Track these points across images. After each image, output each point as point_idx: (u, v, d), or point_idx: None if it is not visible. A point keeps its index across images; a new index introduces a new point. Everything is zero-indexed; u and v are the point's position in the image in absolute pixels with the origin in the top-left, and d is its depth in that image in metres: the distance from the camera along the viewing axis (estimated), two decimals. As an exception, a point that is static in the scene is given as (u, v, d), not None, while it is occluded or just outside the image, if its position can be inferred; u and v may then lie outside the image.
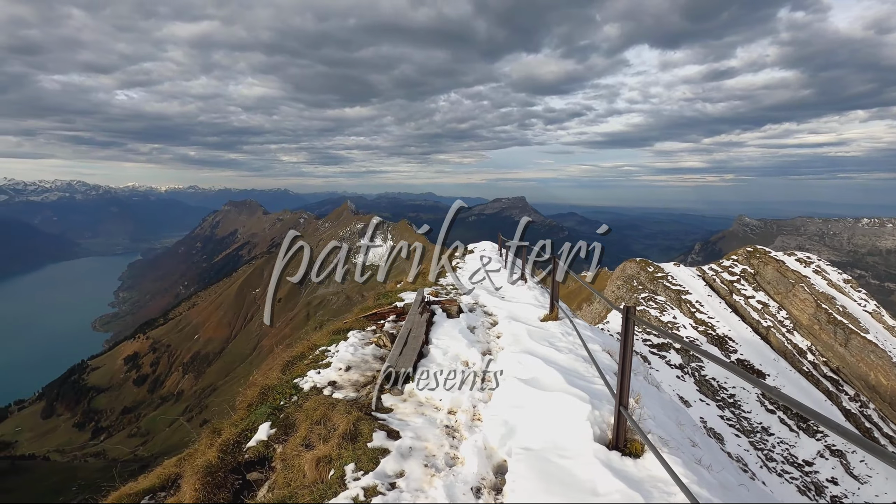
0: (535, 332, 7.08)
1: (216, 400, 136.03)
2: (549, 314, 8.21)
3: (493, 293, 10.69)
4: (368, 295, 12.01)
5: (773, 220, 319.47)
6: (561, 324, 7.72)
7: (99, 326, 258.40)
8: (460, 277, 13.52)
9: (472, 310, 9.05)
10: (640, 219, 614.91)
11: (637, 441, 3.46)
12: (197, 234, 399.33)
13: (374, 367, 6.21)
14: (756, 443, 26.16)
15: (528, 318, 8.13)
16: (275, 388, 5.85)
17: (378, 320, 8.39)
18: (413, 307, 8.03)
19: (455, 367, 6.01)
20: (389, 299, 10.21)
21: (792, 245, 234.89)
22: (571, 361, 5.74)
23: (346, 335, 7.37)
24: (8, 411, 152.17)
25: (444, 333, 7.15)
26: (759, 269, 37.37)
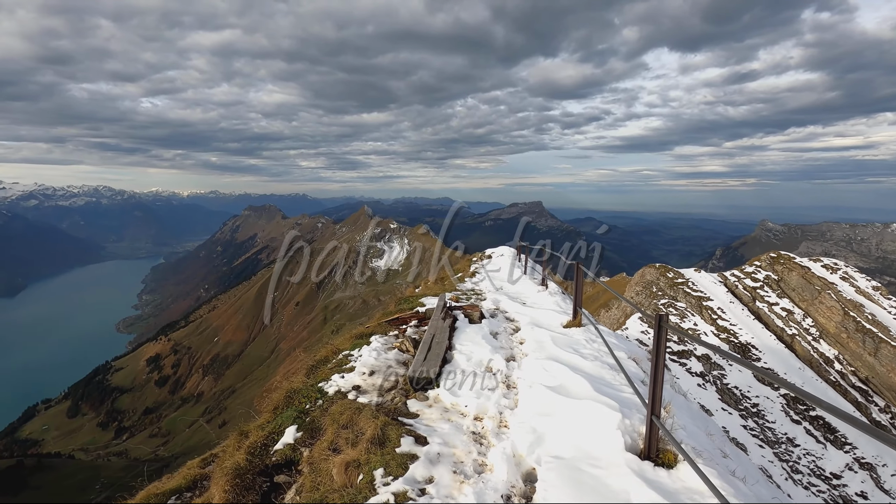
0: (559, 338, 7.01)
1: (235, 402, 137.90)
2: (573, 320, 8.12)
3: (513, 298, 10.59)
4: (389, 300, 12.23)
5: (797, 225, 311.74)
6: (584, 330, 7.62)
7: (123, 328, 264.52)
8: (479, 282, 13.33)
9: (494, 315, 9.00)
10: (659, 224, 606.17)
11: (670, 451, 3.40)
12: (217, 239, 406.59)
13: (398, 372, 6.20)
14: (781, 454, 25.48)
15: (550, 325, 8.06)
16: (300, 392, 5.88)
17: (400, 325, 8.38)
18: (436, 312, 8.03)
19: (479, 372, 5.98)
20: (411, 304, 10.23)
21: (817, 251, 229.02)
22: (598, 369, 5.68)
23: (369, 340, 7.39)
24: (36, 410, 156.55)
25: (468, 339, 7.15)
26: (783, 275, 36.50)
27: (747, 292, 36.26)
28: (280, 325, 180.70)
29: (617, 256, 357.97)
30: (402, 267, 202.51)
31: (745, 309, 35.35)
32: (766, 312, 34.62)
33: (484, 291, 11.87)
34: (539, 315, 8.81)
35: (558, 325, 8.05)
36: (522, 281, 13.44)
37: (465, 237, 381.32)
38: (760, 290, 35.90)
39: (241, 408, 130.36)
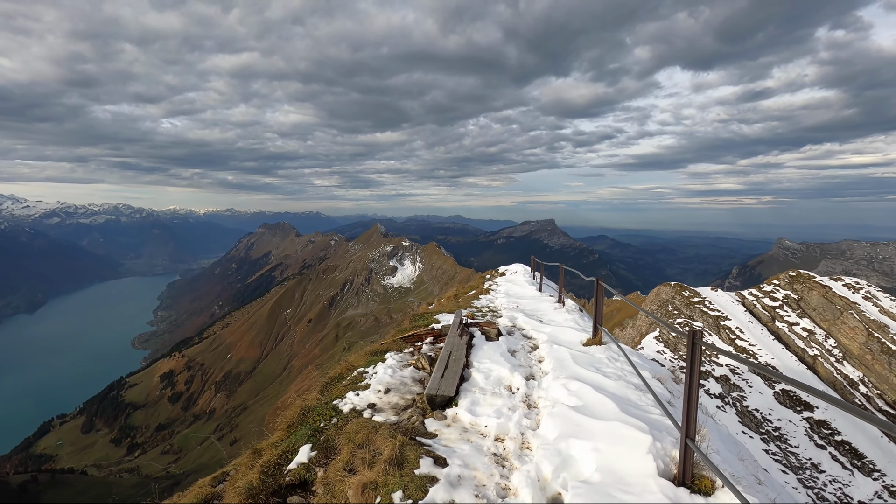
0: (580, 356, 6.83)
1: (246, 419, 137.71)
2: (592, 338, 7.92)
3: (530, 316, 10.43)
4: (403, 316, 12.12)
5: (816, 243, 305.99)
6: (606, 349, 7.42)
7: (138, 344, 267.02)
8: (494, 299, 13.19)
9: (511, 333, 8.86)
10: (674, 242, 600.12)
11: (706, 477, 3.22)
12: (232, 256, 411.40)
13: (414, 391, 6.06)
14: (805, 480, 24.52)
15: (569, 342, 7.87)
16: (314, 410, 5.77)
17: (415, 342, 8.25)
18: (452, 329, 7.89)
19: (498, 391, 5.83)
20: (425, 321, 10.04)
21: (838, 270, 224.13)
22: (622, 388, 5.48)
23: (384, 357, 7.29)
24: (51, 425, 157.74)
25: (485, 356, 7.00)
26: (803, 294, 35.67)
27: (766, 312, 35.47)
28: (292, 343, 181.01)
29: (631, 275, 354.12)
30: (415, 284, 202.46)
31: (765, 329, 34.53)
32: (787, 332, 33.78)
33: (500, 308, 11.68)
34: (557, 332, 8.62)
35: (578, 343, 7.84)
36: (538, 298, 13.24)
37: (477, 255, 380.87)
38: (780, 309, 35.09)
39: (253, 425, 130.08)
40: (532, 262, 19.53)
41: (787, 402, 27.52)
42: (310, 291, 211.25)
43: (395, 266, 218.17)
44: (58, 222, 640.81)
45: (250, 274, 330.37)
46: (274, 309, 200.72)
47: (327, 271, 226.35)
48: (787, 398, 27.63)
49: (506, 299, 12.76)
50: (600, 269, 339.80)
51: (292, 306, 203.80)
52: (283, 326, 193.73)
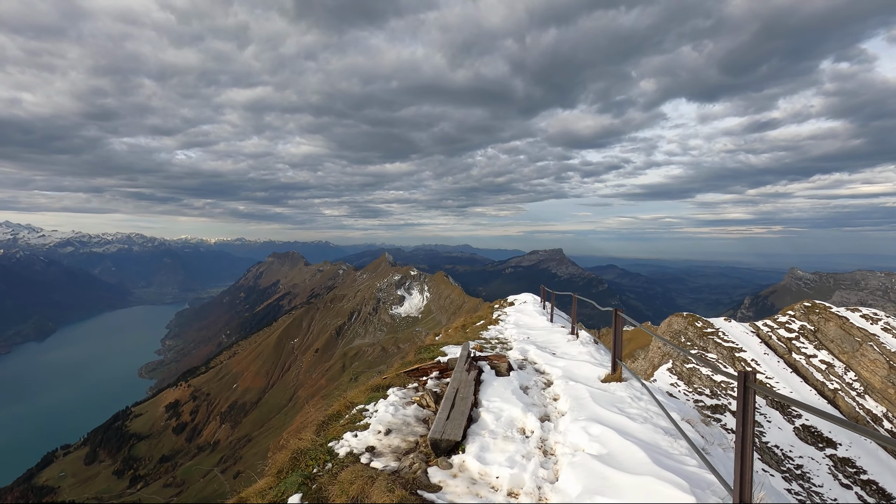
0: (600, 395, 6.31)
1: (250, 451, 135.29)
2: (612, 374, 7.41)
3: (542, 348, 9.91)
4: (409, 347, 11.66)
5: (829, 273, 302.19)
6: (627, 386, 6.89)
7: (145, 373, 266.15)
8: (503, 330, 12.84)
9: (522, 367, 8.35)
10: (684, 272, 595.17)
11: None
12: (241, 285, 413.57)
13: (418, 432, 5.57)
14: (834, 523, 23.27)
15: (586, 378, 7.37)
16: (307, 453, 5.32)
17: (420, 377, 7.76)
18: (459, 363, 7.39)
19: (511, 434, 5.29)
20: (431, 354, 9.56)
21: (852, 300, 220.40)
22: (650, 433, 4.97)
23: (386, 392, 6.85)
24: (54, 456, 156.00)
25: (495, 394, 6.49)
26: (819, 325, 34.77)
27: (782, 343, 34.55)
28: (298, 373, 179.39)
29: (641, 305, 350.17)
30: (423, 314, 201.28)
31: (781, 361, 33.55)
32: (804, 365, 32.78)
33: (509, 340, 11.24)
34: (572, 367, 8.13)
35: (595, 380, 7.33)
36: (549, 329, 12.71)
37: (485, 284, 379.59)
38: (796, 340, 34.18)
39: (257, 458, 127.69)
40: (542, 292, 19.14)
41: (808, 438, 26.44)
42: (317, 321, 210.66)
43: (403, 295, 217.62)
44: (71, 251, 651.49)
45: (259, 303, 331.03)
46: (281, 338, 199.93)
47: (335, 300, 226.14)
48: (808, 434, 26.56)
49: (516, 330, 12.31)
50: (609, 298, 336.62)
51: (299, 335, 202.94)
52: (289, 356, 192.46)
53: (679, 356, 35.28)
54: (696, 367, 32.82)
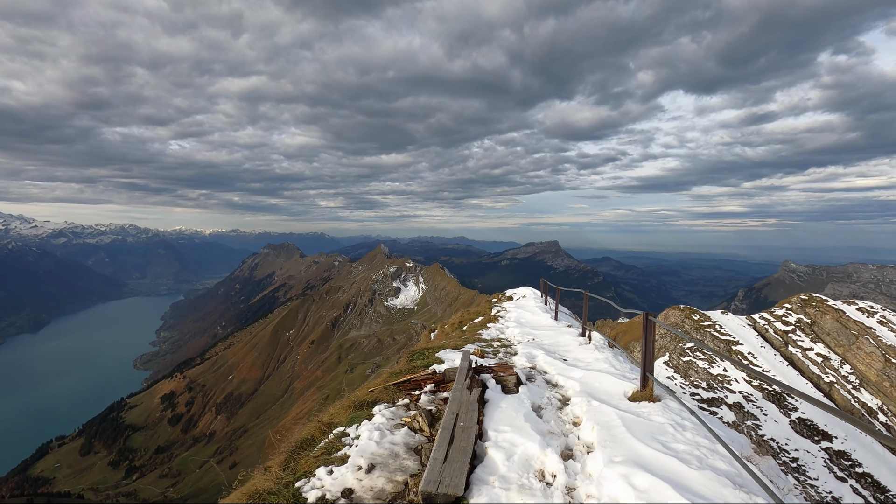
0: (633, 422, 5.06)
1: (246, 442, 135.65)
2: (641, 391, 6.20)
3: (551, 353, 8.81)
4: (400, 354, 9.50)
5: (822, 266, 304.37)
6: (663, 408, 5.60)
7: (140, 365, 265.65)
8: (505, 329, 11.93)
9: (532, 378, 7.24)
10: (679, 264, 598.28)
11: None
12: (236, 276, 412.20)
13: (408, 467, 4.38)
14: (828, 515, 23.46)
15: (610, 395, 6.19)
16: (269, 495, 4.16)
17: (412, 390, 6.55)
18: (458, 378, 6.12)
19: (528, 481, 4.00)
20: (425, 360, 8.21)
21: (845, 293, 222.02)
22: (714, 484, 3.72)
23: (371, 410, 5.69)
24: (49, 447, 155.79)
25: (504, 420, 5.23)
26: (816, 318, 34.93)
27: (779, 336, 34.69)
28: (294, 364, 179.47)
29: (636, 297, 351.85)
30: (418, 306, 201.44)
31: (778, 354, 33.70)
32: (800, 358, 32.94)
33: (512, 342, 10.26)
34: (591, 379, 6.93)
35: (621, 397, 6.15)
36: (556, 329, 11.58)
37: (481, 276, 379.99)
38: (793, 334, 34.32)
39: (253, 448, 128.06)
40: (542, 286, 18.41)
41: (804, 431, 26.60)
42: (313, 312, 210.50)
43: (399, 287, 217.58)
44: (64, 242, 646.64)
45: (254, 294, 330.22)
46: (276, 330, 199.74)
47: (330, 292, 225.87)
48: (803, 427, 26.73)
49: (518, 330, 11.33)
50: (605, 290, 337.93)
51: (295, 327, 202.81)
52: (285, 347, 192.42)
53: (676, 349, 35.37)
54: (692, 361, 32.92)
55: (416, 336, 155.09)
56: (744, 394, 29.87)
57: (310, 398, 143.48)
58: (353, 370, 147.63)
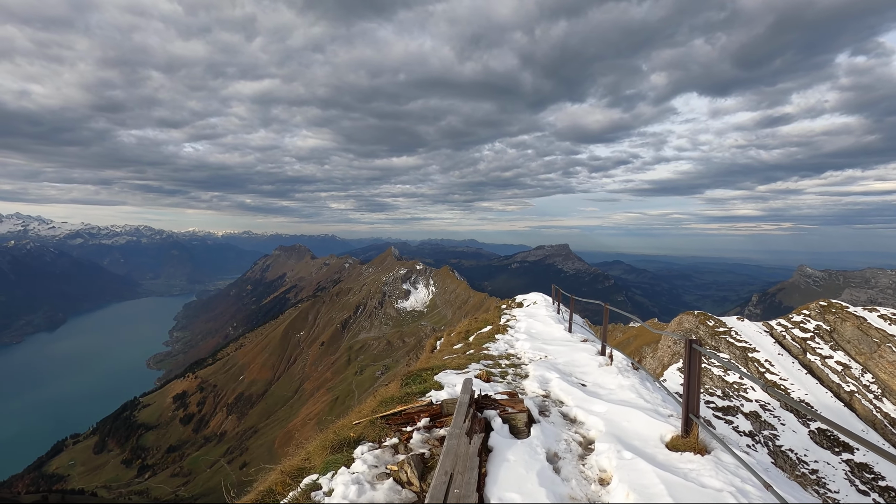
0: (680, 488, 3.83)
1: (256, 443, 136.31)
2: (684, 437, 4.91)
3: (567, 376, 7.73)
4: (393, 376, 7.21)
5: (838, 271, 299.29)
6: (714, 463, 4.34)
7: (153, 364, 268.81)
8: (514, 342, 10.82)
9: (545, 410, 6.14)
10: (691, 268, 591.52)
11: None
12: (248, 277, 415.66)
13: None
14: (849, 529, 22.77)
15: (644, 440, 4.97)
16: None
17: (403, 424, 5.39)
18: (457, 417, 4.79)
19: None
20: (422, 385, 7.14)
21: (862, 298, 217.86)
22: None
23: (353, 452, 4.69)
24: (64, 444, 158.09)
25: (512, 481, 4.00)
26: (835, 325, 34.09)
27: (797, 343, 33.91)
28: (304, 365, 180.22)
29: (647, 301, 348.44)
30: (428, 308, 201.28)
31: (796, 362, 32.93)
32: (819, 366, 32.14)
33: (523, 358, 9.32)
34: (618, 416, 5.77)
35: (657, 442, 4.97)
36: (570, 344, 10.60)
37: (490, 279, 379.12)
38: (811, 341, 33.53)
39: (263, 449, 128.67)
40: (554, 293, 17.61)
41: (823, 442, 25.90)
42: (323, 314, 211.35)
43: (409, 289, 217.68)
44: (81, 243, 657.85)
45: (265, 295, 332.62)
46: (287, 331, 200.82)
47: (341, 294, 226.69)
48: (823, 438, 26.02)
49: (529, 343, 10.39)
50: (616, 294, 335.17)
51: (305, 328, 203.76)
52: (295, 349, 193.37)
53: (690, 355, 34.66)
54: (707, 368, 32.27)
55: (427, 338, 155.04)
56: (760, 402, 29.20)
57: (319, 399, 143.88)
58: (362, 372, 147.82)
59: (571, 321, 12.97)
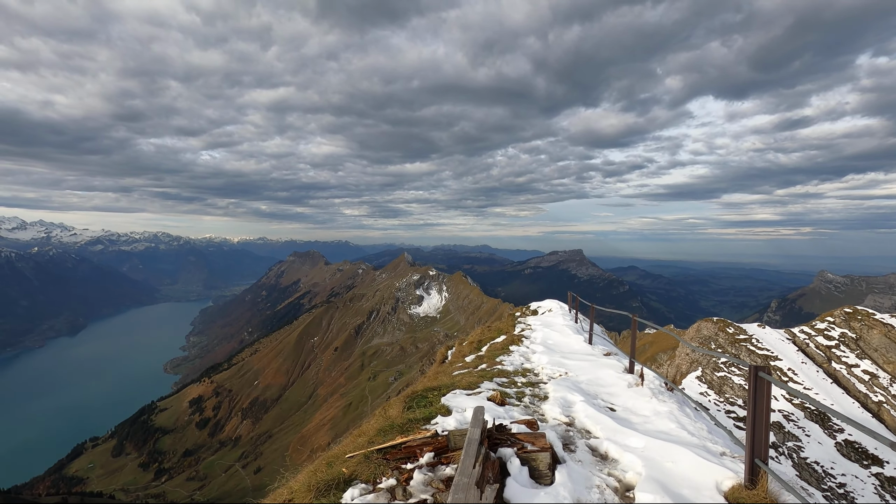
0: None
1: (270, 447, 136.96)
2: (749, 488, 3.93)
3: (592, 398, 6.75)
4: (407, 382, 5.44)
5: (861, 276, 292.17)
6: None
7: (170, 369, 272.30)
8: (530, 355, 10.03)
9: (570, 444, 5.17)
10: (708, 273, 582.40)
11: None
12: (263, 283, 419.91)
13: None
14: (879, 546, 21.91)
15: (697, 489, 4.02)
16: None
17: (403, 460, 4.55)
18: (465, 459, 3.73)
19: None
20: (427, 409, 6.15)
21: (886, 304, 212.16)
22: None
23: (342, 496, 4.00)
24: (84, 447, 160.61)
25: None
26: (862, 333, 33.07)
27: (821, 352, 32.95)
28: (318, 370, 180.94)
29: (663, 307, 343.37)
30: (441, 314, 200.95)
31: (820, 370, 31.98)
32: (845, 375, 31.16)
33: (541, 375, 8.42)
34: (660, 454, 4.73)
35: (713, 492, 4.00)
36: (593, 359, 9.65)
37: (504, 285, 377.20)
38: (836, 349, 32.55)
39: (277, 454, 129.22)
40: (570, 300, 16.83)
41: (851, 454, 25.03)
42: (337, 319, 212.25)
43: (422, 295, 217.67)
44: (101, 249, 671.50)
45: (280, 301, 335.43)
46: (301, 336, 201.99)
47: (354, 299, 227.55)
48: (851, 450, 25.14)
49: (547, 357, 9.60)
50: (631, 300, 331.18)
51: (319, 334, 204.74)
52: (309, 354, 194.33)
53: (710, 363, 33.99)
54: (727, 376, 31.51)
55: (439, 344, 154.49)
56: (784, 412, 28.37)
57: (333, 405, 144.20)
58: (375, 377, 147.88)
59: (592, 332, 12.11)
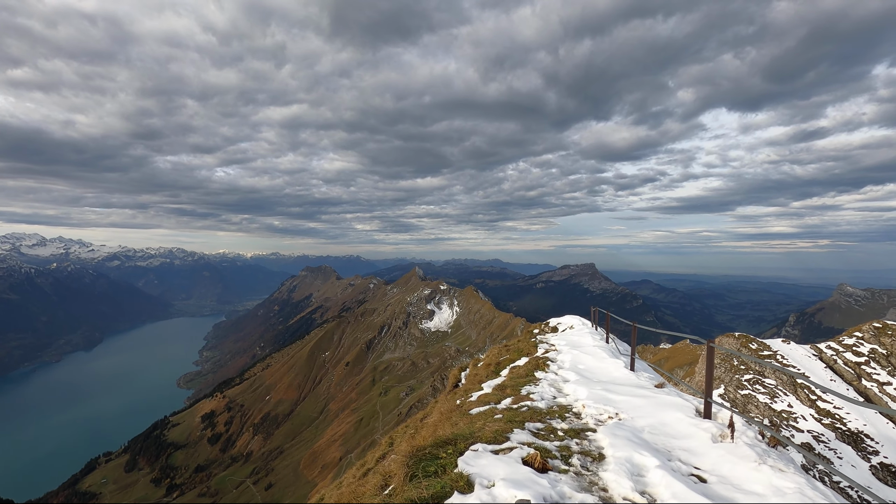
0: None
1: (282, 463, 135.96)
2: None
3: (669, 462, 4.69)
4: (394, 460, 3.54)
5: (882, 289, 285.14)
6: None
7: (183, 383, 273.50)
8: (562, 384, 8.49)
9: None
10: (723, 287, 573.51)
11: None
12: (275, 298, 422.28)
13: None
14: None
15: None
16: None
17: None
18: None
19: None
20: (438, 481, 4.21)
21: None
22: None
23: None
24: (97, 462, 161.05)
25: None
26: (893, 349, 31.84)
27: (850, 368, 31.74)
28: (329, 385, 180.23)
29: (678, 321, 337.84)
30: (452, 329, 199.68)
31: (850, 388, 30.76)
32: (877, 393, 29.91)
33: (583, 416, 6.55)
34: None
35: None
36: (642, 390, 7.80)
37: (515, 299, 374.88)
38: (866, 365, 31.33)
39: (288, 470, 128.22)
40: (593, 315, 15.65)
41: (888, 478, 23.83)
42: (348, 334, 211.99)
43: (433, 310, 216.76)
44: (118, 265, 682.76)
45: (292, 316, 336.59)
46: (313, 351, 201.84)
47: (366, 314, 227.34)
48: (888, 474, 23.94)
49: (585, 390, 7.76)
50: (645, 314, 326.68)
51: (331, 349, 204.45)
52: (321, 369, 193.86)
53: (732, 381, 32.92)
54: (751, 394, 30.44)
55: (451, 359, 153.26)
56: (813, 433, 27.23)
57: (344, 420, 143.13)
58: (387, 393, 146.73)
59: (634, 357, 10.13)
